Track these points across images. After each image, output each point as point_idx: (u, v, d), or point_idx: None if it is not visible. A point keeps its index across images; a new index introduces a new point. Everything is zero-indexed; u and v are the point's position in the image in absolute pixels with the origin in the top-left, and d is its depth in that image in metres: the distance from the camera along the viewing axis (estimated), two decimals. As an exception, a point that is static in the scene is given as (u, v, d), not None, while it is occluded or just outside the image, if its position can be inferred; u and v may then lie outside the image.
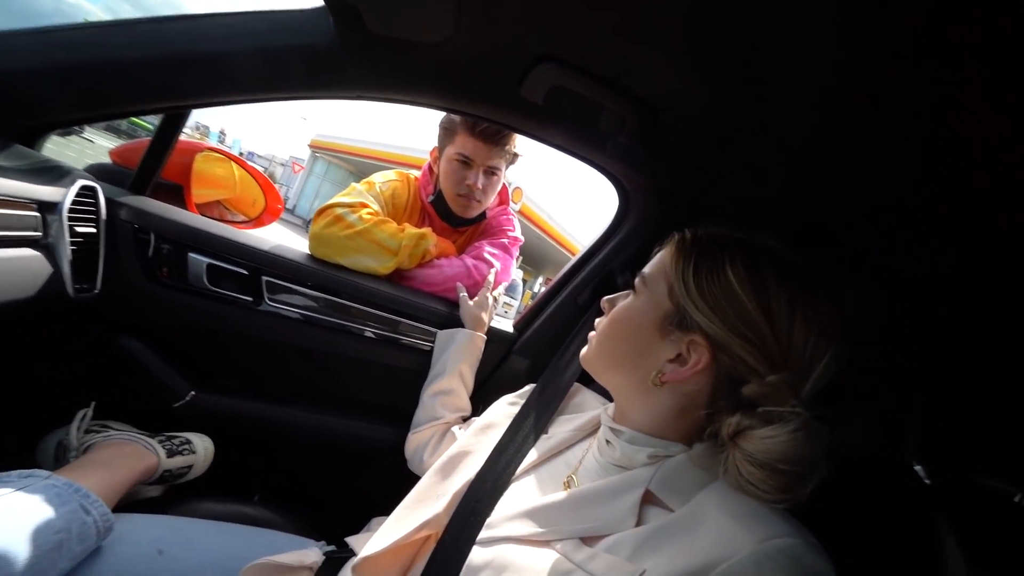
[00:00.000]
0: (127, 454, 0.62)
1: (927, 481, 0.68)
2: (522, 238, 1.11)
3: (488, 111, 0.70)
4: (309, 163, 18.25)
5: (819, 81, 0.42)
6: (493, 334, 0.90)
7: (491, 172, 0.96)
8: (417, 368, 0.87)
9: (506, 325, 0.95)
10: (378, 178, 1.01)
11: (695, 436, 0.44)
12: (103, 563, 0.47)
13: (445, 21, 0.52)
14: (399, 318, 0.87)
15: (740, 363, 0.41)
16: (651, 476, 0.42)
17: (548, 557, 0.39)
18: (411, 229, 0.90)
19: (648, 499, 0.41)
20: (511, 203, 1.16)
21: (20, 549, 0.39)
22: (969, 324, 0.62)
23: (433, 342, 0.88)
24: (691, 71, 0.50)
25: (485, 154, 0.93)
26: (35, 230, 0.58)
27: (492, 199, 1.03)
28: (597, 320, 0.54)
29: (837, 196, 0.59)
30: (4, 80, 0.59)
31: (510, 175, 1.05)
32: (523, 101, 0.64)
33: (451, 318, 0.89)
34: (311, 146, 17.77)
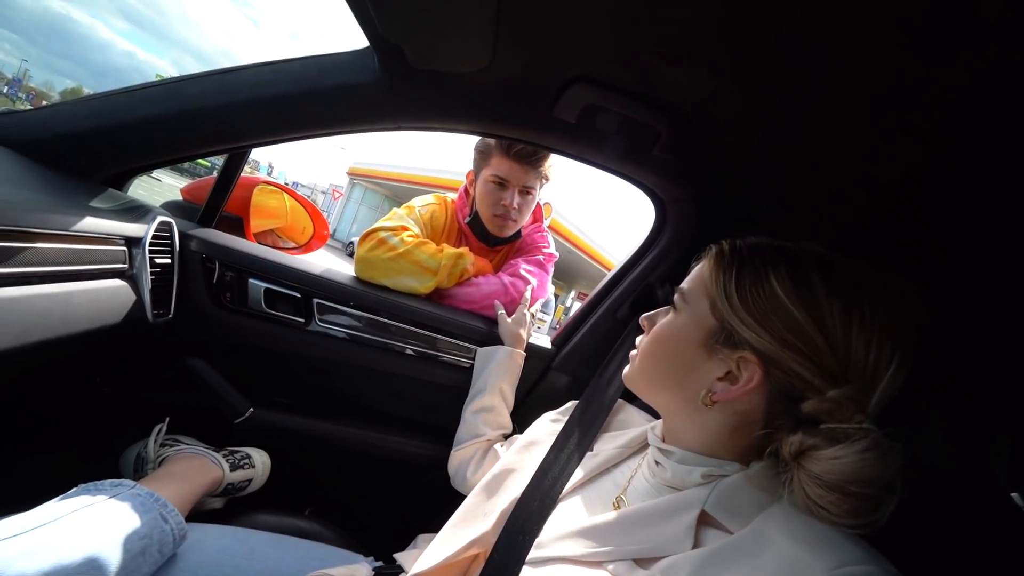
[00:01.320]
0: (197, 467, 0.66)
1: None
2: (557, 254, 1.12)
3: (523, 133, 0.72)
4: (347, 189, 19.23)
5: (858, 77, 0.41)
6: (531, 350, 0.91)
7: (526, 192, 0.99)
8: (457, 385, 0.89)
9: (544, 341, 0.95)
10: (417, 202, 1.06)
11: (751, 454, 0.42)
12: (177, 569, 0.51)
13: (482, 51, 0.55)
14: (439, 336, 0.90)
15: (796, 378, 0.38)
16: (706, 496, 0.40)
17: None
18: (449, 249, 0.93)
19: (704, 520, 0.40)
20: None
21: (114, 552, 0.43)
22: None
23: (472, 359, 0.89)
24: (724, 79, 0.50)
25: (520, 175, 0.96)
26: (122, 263, 0.65)
27: (527, 218, 1.05)
28: (639, 338, 0.53)
29: (883, 196, 0.56)
30: (100, 135, 0.68)
31: (539, 192, 1.07)
32: (557, 121, 0.66)
33: (490, 335, 0.90)
34: (349, 173, 18.76)
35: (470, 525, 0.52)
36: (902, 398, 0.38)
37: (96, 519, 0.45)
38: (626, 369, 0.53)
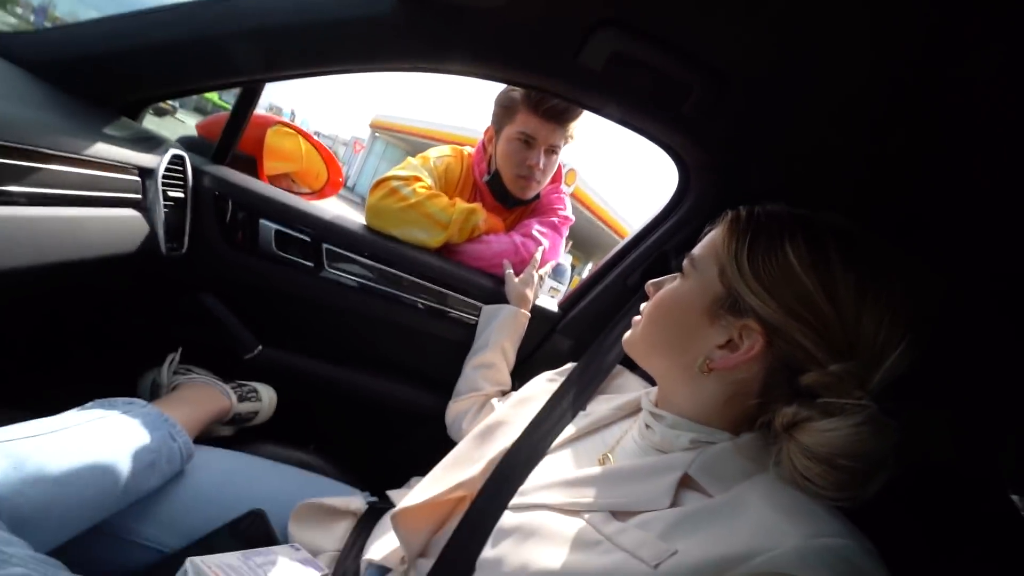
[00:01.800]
0: (206, 395, 0.70)
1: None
2: (573, 217, 1.09)
3: (544, 80, 0.68)
4: (369, 143, 18.97)
5: (901, 45, 0.37)
6: (537, 312, 0.90)
7: (551, 151, 0.95)
8: (462, 340, 0.89)
9: (551, 304, 0.95)
10: (433, 153, 1.02)
11: (743, 425, 0.42)
12: (184, 485, 0.54)
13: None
14: (447, 291, 0.90)
15: (799, 350, 0.38)
16: (691, 461, 0.40)
17: (576, 526, 0.40)
18: (461, 204, 0.91)
19: (686, 483, 0.40)
20: (564, 184, 1.14)
21: (124, 462, 0.46)
22: None
23: (478, 316, 0.89)
24: (765, 34, 0.45)
25: (548, 133, 0.91)
26: (136, 192, 0.65)
27: (549, 179, 1.02)
28: (643, 304, 0.52)
29: (917, 182, 0.52)
30: (112, 59, 0.66)
31: (564, 156, 1.03)
32: (581, 70, 0.61)
33: (497, 294, 0.89)
34: (372, 126, 18.42)
35: (459, 469, 0.54)
36: (910, 381, 0.37)
37: (108, 430, 0.48)
38: (627, 334, 0.52)
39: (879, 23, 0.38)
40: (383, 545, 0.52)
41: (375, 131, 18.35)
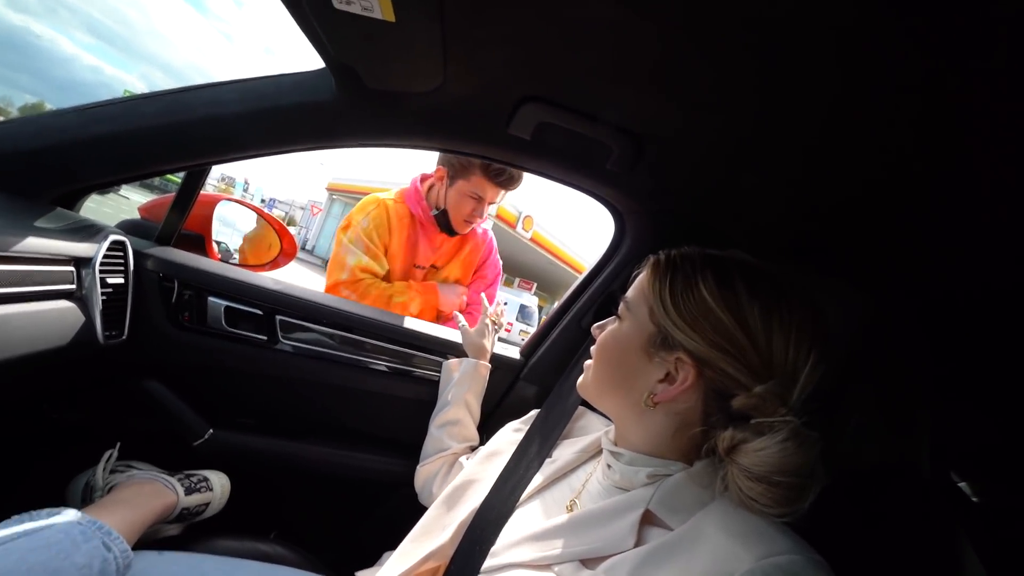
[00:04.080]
0: (147, 492, 0.64)
1: (974, 499, 0.65)
2: (498, 259, 1.35)
3: (481, 149, 0.74)
4: (327, 205, 19.00)
5: (795, 95, 0.43)
6: (500, 361, 0.92)
7: (492, 203, 1.13)
8: (429, 399, 0.88)
9: (512, 352, 0.96)
10: (359, 222, 1.16)
11: (693, 454, 0.44)
12: (122, 601, 0.49)
13: (434, 73, 0.57)
14: (409, 350, 0.90)
15: (726, 377, 0.41)
16: (650, 496, 0.42)
17: None
18: (414, 285, 1.16)
19: (648, 519, 0.41)
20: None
21: (46, 584, 0.41)
22: (984, 328, 0.60)
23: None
24: (668, 99, 0.53)
25: (495, 194, 1.11)
26: (70, 283, 0.63)
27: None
28: (592, 348, 0.55)
29: (828, 204, 0.60)
30: (49, 153, 0.66)
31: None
32: (512, 138, 0.68)
33: (459, 347, 0.90)
34: (328, 189, 18.57)
35: (429, 538, 0.52)
36: (828, 392, 0.41)
37: (29, 548, 0.43)
38: (580, 378, 0.55)
39: (760, 86, 0.45)
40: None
41: (332, 193, 18.47)
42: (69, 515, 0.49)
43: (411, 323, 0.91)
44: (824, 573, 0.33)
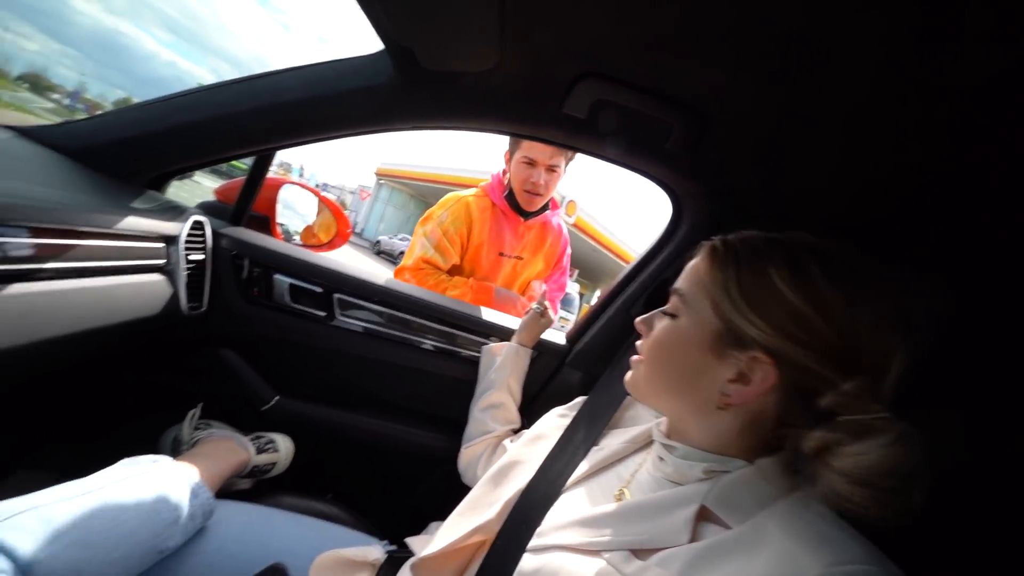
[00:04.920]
0: (225, 449, 0.71)
1: None
2: (568, 248, 1.36)
3: (535, 130, 0.73)
4: (375, 190, 19.68)
5: (871, 62, 0.39)
6: (545, 346, 0.92)
7: (551, 170, 1.16)
8: (472, 379, 0.90)
9: (559, 337, 0.96)
10: (438, 215, 1.23)
11: (759, 451, 0.42)
12: (205, 541, 0.55)
13: (490, 51, 0.56)
14: (457, 331, 0.92)
15: (808, 373, 0.38)
16: (707, 491, 0.40)
17: (596, 566, 0.39)
18: (455, 282, 1.22)
19: (704, 515, 0.40)
20: (565, 215, 1.33)
21: (149, 521, 0.47)
22: None
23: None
24: (735, 72, 0.49)
25: (547, 155, 1.13)
26: (161, 258, 0.70)
27: (552, 192, 1.25)
28: (638, 343, 0.51)
29: (898, 186, 0.54)
30: (140, 142, 0.73)
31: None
32: (568, 117, 0.66)
33: (503, 329, 0.91)
34: (377, 174, 19.19)
35: (475, 514, 0.54)
36: (920, 393, 0.37)
37: (135, 490, 0.49)
38: (628, 375, 0.51)
39: (835, 58, 0.41)
40: (403, 595, 0.51)
41: (380, 178, 19.08)
42: (165, 463, 0.55)
43: (458, 305, 0.93)
44: None
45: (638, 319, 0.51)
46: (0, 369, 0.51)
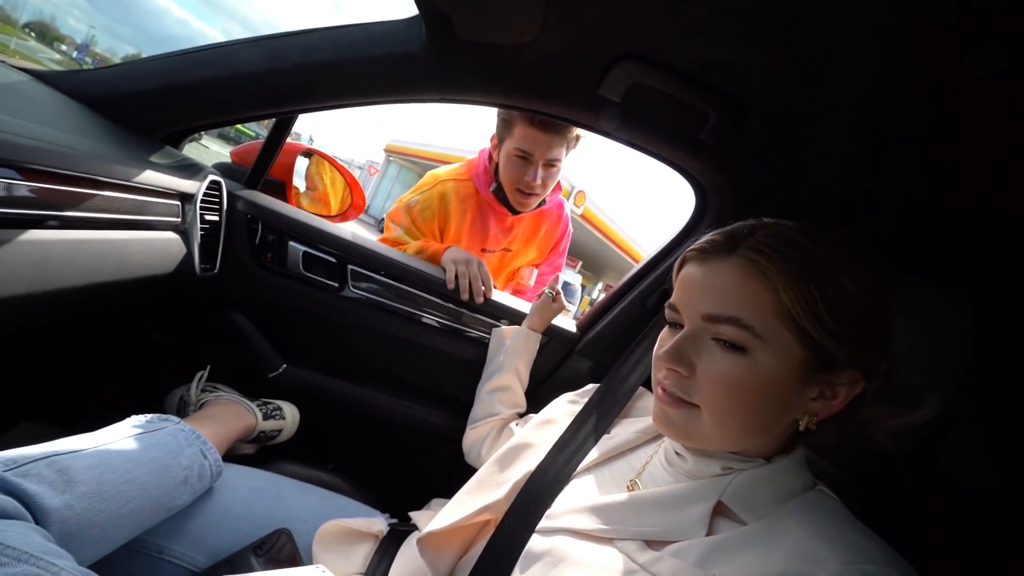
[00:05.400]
0: (233, 412, 0.71)
1: None
2: (568, 234, 1.25)
3: (565, 110, 0.71)
4: (383, 166, 19.48)
5: (916, 70, 0.38)
6: (556, 333, 0.91)
7: (550, 164, 0.95)
8: (479, 359, 0.90)
9: (569, 325, 0.95)
10: (409, 199, 1.09)
11: (776, 450, 0.42)
12: (212, 502, 0.55)
13: (531, 22, 0.54)
14: (467, 311, 0.91)
15: (882, 375, 0.39)
16: (724, 487, 0.40)
17: (609, 554, 0.39)
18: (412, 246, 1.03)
19: (720, 510, 0.40)
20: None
21: (160, 478, 0.47)
22: None
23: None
24: (780, 62, 0.47)
25: (545, 147, 0.91)
26: (176, 216, 0.69)
27: (550, 190, 1.04)
28: (668, 383, 0.42)
29: (937, 193, 0.52)
30: (159, 95, 0.71)
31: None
32: (600, 99, 0.64)
33: (509, 311, 0.91)
34: (386, 150, 18.97)
35: (484, 492, 0.54)
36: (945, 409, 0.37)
37: (146, 446, 0.49)
38: (675, 424, 0.42)
39: (890, 50, 0.39)
40: (407, 569, 0.52)
41: (389, 155, 18.87)
42: (174, 423, 0.55)
43: None
44: None
45: (670, 360, 0.42)
46: (12, 316, 0.50)
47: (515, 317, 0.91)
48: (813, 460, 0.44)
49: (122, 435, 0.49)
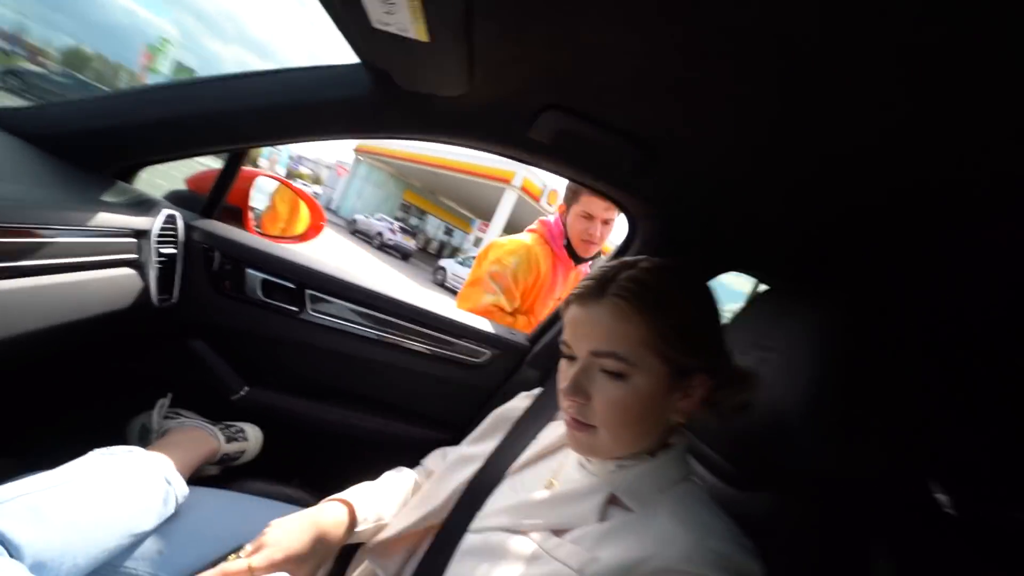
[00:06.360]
0: (195, 438, 0.74)
1: (950, 512, 0.69)
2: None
3: (502, 149, 0.78)
4: (353, 166, 19.05)
5: (807, 104, 0.45)
6: (507, 345, 0.98)
7: (607, 222, 1.30)
8: (435, 373, 0.97)
9: (521, 337, 1.03)
10: (509, 262, 1.30)
11: (659, 445, 0.51)
12: (177, 524, 0.59)
13: (460, 82, 0.60)
14: (425, 329, 0.97)
15: (722, 370, 0.50)
16: (617, 482, 0.49)
17: (524, 543, 0.47)
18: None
19: (613, 501, 0.48)
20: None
21: (126, 507, 0.51)
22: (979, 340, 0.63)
23: (448, 351, 0.96)
24: (682, 113, 0.55)
25: (602, 209, 1.26)
26: (133, 252, 0.72)
27: (606, 241, 1.37)
28: (570, 408, 0.49)
29: (835, 212, 0.63)
30: (110, 133, 0.73)
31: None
32: (533, 141, 0.71)
33: (470, 331, 0.97)
34: (356, 150, 18.54)
35: (427, 504, 0.61)
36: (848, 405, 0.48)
37: (112, 478, 0.53)
38: (579, 442, 0.50)
39: (777, 89, 0.45)
40: (362, 572, 0.58)
41: (359, 155, 18.47)
42: (139, 453, 0.59)
43: (428, 306, 0.98)
44: (753, 561, 0.39)
45: (569, 393, 0.48)
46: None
47: (472, 334, 0.98)
48: (693, 442, 0.56)
49: (90, 469, 0.52)
